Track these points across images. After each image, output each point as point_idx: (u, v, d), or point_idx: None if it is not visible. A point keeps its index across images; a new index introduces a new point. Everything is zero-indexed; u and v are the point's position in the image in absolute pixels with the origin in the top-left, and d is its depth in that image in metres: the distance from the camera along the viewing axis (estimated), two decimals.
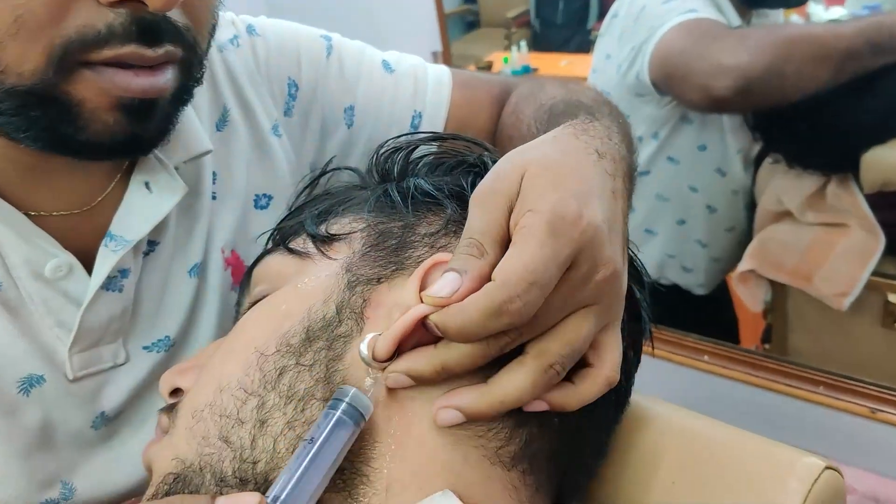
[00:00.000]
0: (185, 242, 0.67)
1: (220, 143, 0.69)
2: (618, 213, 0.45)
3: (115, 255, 0.59)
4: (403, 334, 0.43)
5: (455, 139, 0.60)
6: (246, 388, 0.45)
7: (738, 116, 1.32)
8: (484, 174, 0.50)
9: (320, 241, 0.51)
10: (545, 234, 0.40)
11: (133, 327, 0.64)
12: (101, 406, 0.62)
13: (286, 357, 0.46)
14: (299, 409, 0.44)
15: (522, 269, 0.39)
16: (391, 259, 0.48)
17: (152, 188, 0.61)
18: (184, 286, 0.66)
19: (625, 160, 0.50)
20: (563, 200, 0.42)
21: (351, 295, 0.47)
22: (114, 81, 0.49)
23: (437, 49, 2.01)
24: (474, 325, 0.40)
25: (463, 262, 0.41)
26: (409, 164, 0.56)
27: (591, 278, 0.42)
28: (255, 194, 0.72)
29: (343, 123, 0.77)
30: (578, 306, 0.43)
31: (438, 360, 0.42)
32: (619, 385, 0.46)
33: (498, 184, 0.44)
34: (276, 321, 0.48)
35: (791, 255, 1.29)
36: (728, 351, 1.34)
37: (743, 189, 1.39)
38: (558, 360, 0.42)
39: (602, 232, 0.42)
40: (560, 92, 0.69)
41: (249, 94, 0.72)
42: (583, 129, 0.50)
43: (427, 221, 0.51)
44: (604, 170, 0.46)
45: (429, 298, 0.41)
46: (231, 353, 0.48)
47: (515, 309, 0.39)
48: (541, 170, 0.44)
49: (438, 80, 0.81)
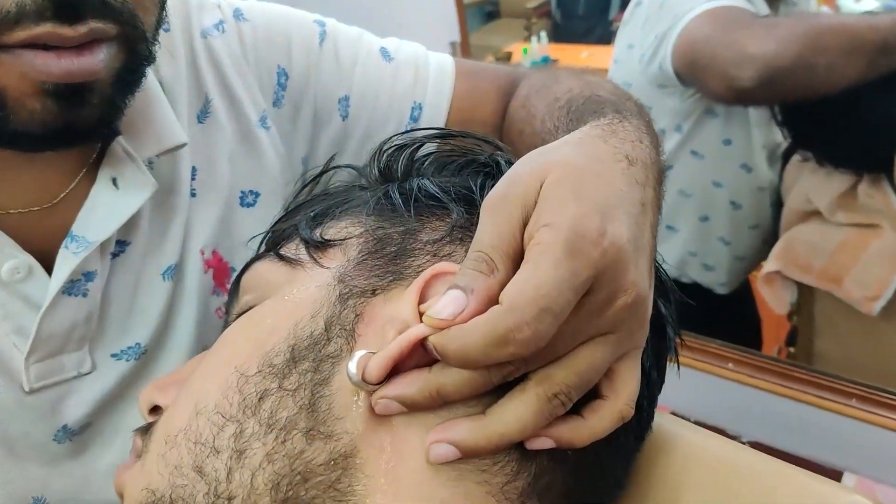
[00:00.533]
0: (159, 242, 0.62)
1: (202, 136, 0.65)
2: (646, 229, 0.40)
3: (76, 257, 0.54)
4: (399, 356, 0.38)
5: (465, 136, 0.55)
6: (223, 412, 0.41)
7: (765, 110, 1.28)
8: (496, 175, 0.45)
9: (313, 247, 0.47)
10: (561, 254, 0.35)
11: (100, 334, 0.59)
12: (62, 419, 0.58)
13: (268, 379, 0.41)
14: (280, 439, 0.39)
15: (534, 292, 0.34)
16: (389, 268, 0.44)
17: (119, 184, 0.57)
18: (157, 290, 0.62)
19: (656, 164, 0.45)
20: (585, 215, 0.37)
21: (342, 309, 0.42)
22: (33, 65, 0.44)
23: (456, 39, 1.99)
24: (476, 353, 0.35)
25: (470, 278, 0.37)
26: (415, 163, 0.51)
27: (610, 304, 0.37)
28: (241, 191, 0.67)
29: (337, 115, 0.72)
30: (594, 334, 0.38)
31: (434, 386, 0.38)
32: (641, 410, 0.41)
33: (513, 189, 0.39)
34: (260, 337, 0.43)
35: (819, 256, 1.25)
36: (754, 359, 1.29)
37: (769, 186, 1.35)
38: (563, 390, 0.37)
39: (626, 253, 0.37)
40: (576, 84, 0.64)
41: (235, 83, 0.67)
42: (611, 130, 0.45)
43: (430, 227, 0.46)
44: (634, 179, 0.41)
45: (429, 319, 0.37)
46: (210, 371, 0.44)
47: (523, 338, 0.34)
48: (562, 177, 0.39)
49: (440, 69, 0.76)
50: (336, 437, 0.39)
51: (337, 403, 0.40)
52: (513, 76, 0.76)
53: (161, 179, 0.60)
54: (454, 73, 0.76)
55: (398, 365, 0.39)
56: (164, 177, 0.61)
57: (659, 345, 0.47)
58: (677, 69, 1.19)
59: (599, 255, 0.36)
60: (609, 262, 0.36)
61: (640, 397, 0.41)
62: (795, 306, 1.37)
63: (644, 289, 0.38)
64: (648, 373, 0.44)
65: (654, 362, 0.46)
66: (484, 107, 0.75)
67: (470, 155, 0.51)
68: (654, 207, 0.42)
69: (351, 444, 0.39)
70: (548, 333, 0.35)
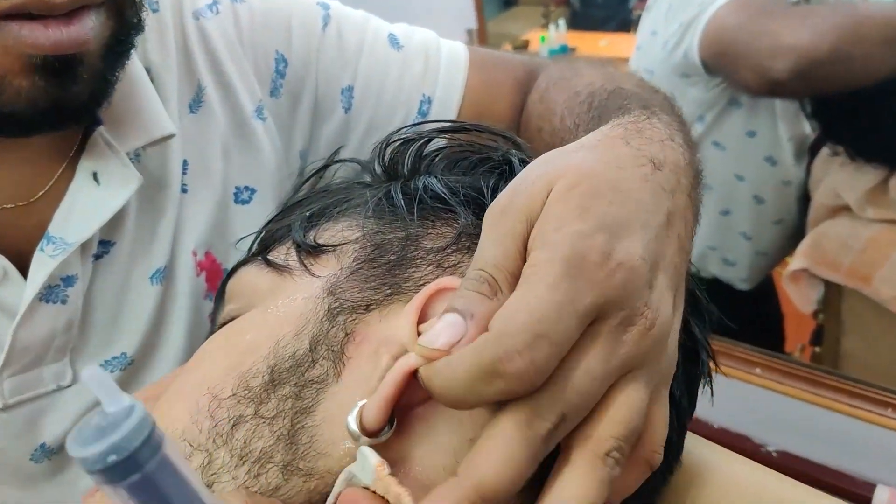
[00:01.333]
0: (147, 243, 0.58)
1: (194, 127, 0.60)
2: (670, 243, 0.35)
3: (53, 260, 0.50)
4: (395, 395, 0.33)
5: (480, 131, 0.50)
6: (192, 439, 0.37)
7: (792, 101, 1.24)
8: (509, 177, 0.40)
9: (305, 252, 0.42)
10: (559, 275, 0.30)
11: (82, 343, 0.55)
12: (40, 437, 0.54)
13: (243, 404, 0.37)
14: (253, 473, 0.35)
15: (526, 316, 0.30)
16: (386, 280, 0.39)
17: (101, 179, 0.52)
18: (144, 294, 0.57)
19: (690, 166, 0.40)
20: (587, 234, 0.32)
21: (330, 326, 0.38)
22: (20, 37, 0.41)
23: (472, 27, 1.98)
24: (460, 388, 0.30)
25: (469, 300, 0.32)
26: (423, 160, 0.46)
27: (625, 332, 0.32)
28: (236, 186, 0.63)
29: (339, 106, 0.67)
30: (623, 371, 0.33)
31: (472, 489, 0.30)
32: (670, 444, 0.37)
33: (517, 200, 0.34)
34: (237, 355, 0.39)
35: (848, 253, 1.20)
36: (783, 364, 1.25)
37: (795, 180, 1.31)
38: (614, 445, 0.32)
39: (639, 274, 0.32)
40: (598, 77, 0.59)
41: (229, 69, 0.62)
42: (636, 129, 0.39)
43: (435, 233, 0.41)
44: (659, 186, 0.36)
45: (421, 349, 0.32)
46: (180, 391, 0.39)
47: (515, 370, 0.29)
48: (571, 187, 0.34)
49: (453, 59, 0.70)
50: (317, 475, 0.35)
51: (321, 437, 0.35)
52: (531, 67, 0.71)
53: (148, 174, 0.56)
54: (467, 63, 0.71)
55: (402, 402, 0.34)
56: (151, 171, 0.57)
57: (691, 370, 0.42)
58: (704, 59, 1.15)
59: (605, 277, 0.31)
60: (618, 285, 0.32)
61: (670, 429, 0.36)
62: (822, 304, 1.33)
63: (664, 312, 0.34)
64: (678, 401, 0.40)
65: (684, 390, 0.41)
66: (500, 101, 0.70)
67: (485, 152, 0.46)
68: (685, 217, 0.37)
69: (331, 487, 0.34)
70: (545, 365, 0.30)
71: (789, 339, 1.45)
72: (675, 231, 0.36)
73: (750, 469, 0.46)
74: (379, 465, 0.32)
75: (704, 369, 0.44)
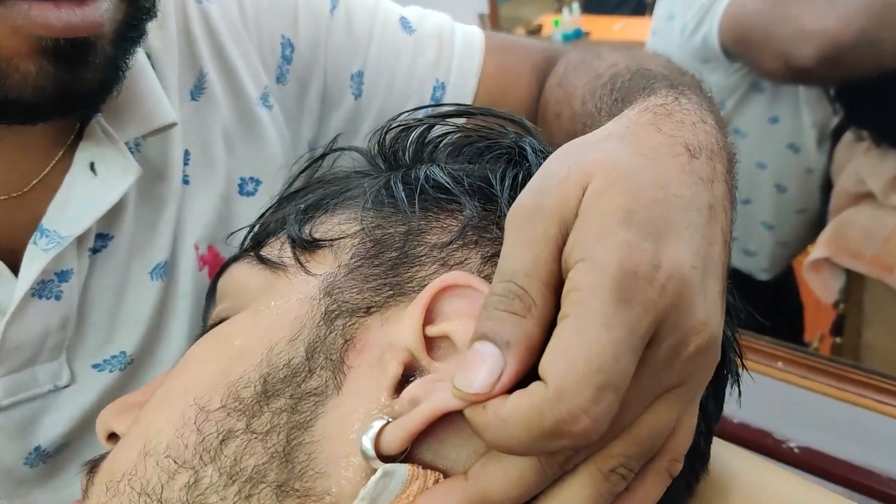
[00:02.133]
0: (147, 237, 0.55)
1: (195, 115, 0.58)
2: (715, 241, 0.32)
3: (46, 254, 0.48)
4: (421, 429, 0.31)
5: (487, 114, 0.47)
6: (176, 455, 0.34)
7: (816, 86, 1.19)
8: (518, 164, 0.37)
9: (300, 248, 0.39)
10: (612, 304, 0.27)
11: (79, 341, 0.53)
12: (35, 440, 0.52)
13: (233, 417, 0.34)
14: (243, 494, 0.33)
15: (585, 366, 0.26)
16: (387, 279, 0.36)
17: (98, 170, 0.50)
18: (145, 291, 0.55)
19: (723, 150, 0.37)
20: (634, 244, 0.29)
21: (328, 331, 0.35)
22: (30, 17, 0.38)
23: (484, 11, 1.93)
24: (519, 446, 0.28)
25: (501, 324, 0.29)
26: (426, 147, 0.44)
27: (678, 355, 0.29)
28: (241, 178, 0.60)
29: (349, 93, 0.65)
30: (661, 393, 0.30)
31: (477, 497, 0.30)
32: (697, 449, 0.34)
33: (548, 200, 0.31)
34: (225, 362, 0.36)
35: (872, 242, 1.17)
36: (806, 358, 1.21)
37: (819, 168, 1.27)
38: (622, 462, 0.30)
39: (691, 283, 0.29)
40: (622, 59, 0.56)
41: (232, 54, 0.59)
42: (666, 113, 0.36)
43: (439, 226, 0.38)
44: (697, 177, 0.33)
45: (459, 393, 0.29)
46: (164, 402, 0.37)
47: (582, 429, 0.26)
48: (608, 186, 0.30)
49: (468, 43, 0.68)
50: (315, 496, 0.32)
51: (320, 455, 0.33)
52: (549, 53, 0.69)
53: (148, 164, 0.53)
54: (483, 48, 0.68)
55: None
56: (152, 161, 0.54)
57: (719, 371, 0.39)
58: (724, 44, 1.11)
59: (658, 295, 0.28)
60: (670, 302, 0.29)
61: (697, 434, 0.34)
62: (843, 294, 1.29)
63: (717, 326, 0.31)
64: (705, 404, 0.37)
65: (711, 392, 0.38)
66: (516, 87, 0.68)
67: (493, 138, 0.43)
68: (724, 208, 0.34)
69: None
70: (610, 414, 0.27)
71: (808, 329, 1.41)
72: (718, 225, 0.33)
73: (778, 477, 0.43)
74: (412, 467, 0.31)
75: (732, 368, 0.41)
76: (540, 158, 0.39)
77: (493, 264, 0.36)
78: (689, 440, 0.33)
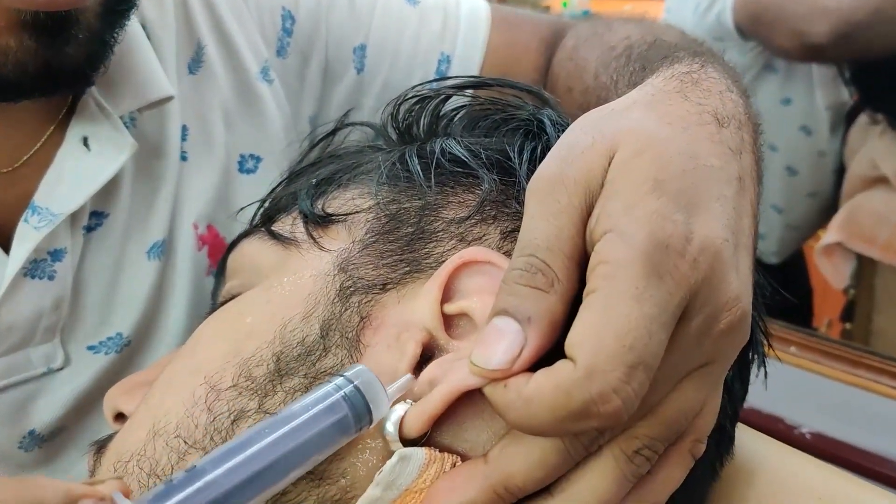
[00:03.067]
0: (144, 215, 0.54)
1: (193, 90, 0.56)
2: (745, 213, 0.31)
3: (38, 232, 0.47)
4: (442, 411, 0.30)
5: (503, 86, 0.45)
6: (187, 436, 0.33)
7: (830, 67, 1.18)
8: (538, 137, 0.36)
9: (313, 223, 0.38)
10: (643, 278, 0.26)
11: (74, 322, 0.52)
12: (29, 423, 0.51)
13: (245, 396, 0.33)
14: None
15: (615, 343, 0.25)
16: (404, 255, 0.35)
17: (91, 145, 0.49)
18: (141, 270, 0.53)
19: (750, 119, 0.35)
20: (665, 215, 0.27)
21: (343, 308, 0.34)
22: None
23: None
24: (548, 429, 0.26)
25: (522, 299, 0.27)
26: (440, 120, 0.42)
27: (710, 331, 0.28)
28: (240, 154, 0.59)
29: (352, 67, 0.63)
30: (689, 371, 0.29)
31: (498, 481, 0.28)
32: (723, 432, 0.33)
33: (571, 169, 0.29)
34: (237, 340, 0.35)
35: (885, 227, 1.15)
36: (819, 343, 1.20)
37: (831, 151, 1.26)
38: (647, 444, 0.29)
39: (724, 257, 0.28)
40: (635, 30, 0.54)
41: (231, 27, 0.57)
42: (692, 81, 0.35)
43: (456, 201, 0.37)
44: (727, 147, 0.31)
45: (477, 370, 0.27)
46: (174, 380, 0.36)
47: (614, 409, 0.25)
48: (636, 154, 0.29)
49: (473, 16, 0.66)
50: (330, 479, 0.31)
51: None
52: (557, 26, 0.67)
53: (144, 140, 0.52)
54: (489, 21, 0.66)
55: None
56: (148, 137, 0.53)
57: (745, 352, 0.38)
58: (738, 22, 1.10)
59: (690, 269, 0.27)
60: (703, 276, 0.27)
61: (722, 416, 0.33)
62: (854, 279, 1.28)
63: (748, 301, 0.29)
64: (731, 385, 0.36)
65: (736, 372, 0.37)
66: (523, 61, 0.66)
67: (510, 110, 0.42)
68: (752, 179, 0.33)
69: (348, 492, 0.31)
70: (642, 393, 0.26)
71: (817, 315, 1.40)
72: (747, 197, 0.31)
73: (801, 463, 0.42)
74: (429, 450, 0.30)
75: (759, 349, 0.39)
76: (559, 131, 0.38)
77: (512, 240, 0.35)
78: (713, 421, 0.32)
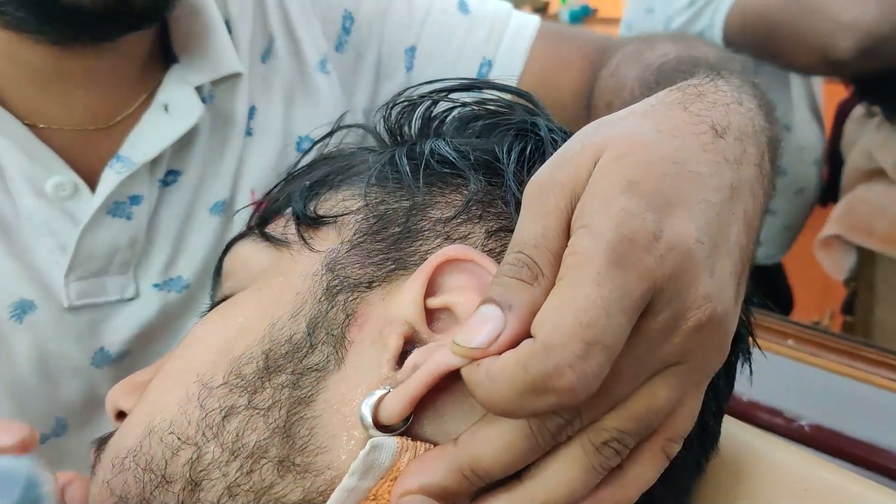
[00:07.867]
0: (212, 175, 0.62)
1: (263, 77, 0.64)
2: (733, 222, 0.31)
3: (119, 176, 0.55)
4: (422, 394, 0.31)
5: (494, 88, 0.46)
6: (180, 432, 0.34)
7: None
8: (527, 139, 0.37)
9: (304, 225, 0.39)
10: (605, 265, 0.27)
11: (145, 261, 0.60)
12: (100, 341, 0.58)
13: (236, 393, 0.34)
14: (245, 469, 0.33)
15: (573, 320, 0.26)
16: (390, 254, 0.36)
17: (170, 109, 0.57)
18: (205, 224, 0.62)
19: (763, 133, 0.36)
20: (634, 213, 0.28)
21: (329, 307, 0.35)
22: None
23: None
24: (506, 402, 0.27)
25: (507, 289, 0.29)
26: (431, 122, 0.43)
27: (676, 327, 0.29)
28: (298, 136, 0.66)
29: (402, 66, 0.69)
30: (659, 368, 0.30)
31: (464, 463, 0.30)
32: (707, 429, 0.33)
33: (560, 173, 0.31)
34: (228, 339, 0.36)
35: (883, 218, 1.15)
36: (817, 336, 1.21)
37: (810, 145, 1.27)
38: (616, 437, 0.29)
39: (694, 257, 0.29)
40: (673, 48, 0.57)
41: (298, 22, 0.65)
42: (697, 93, 0.36)
43: (444, 201, 0.38)
44: (721, 156, 0.32)
45: (458, 348, 0.29)
46: (169, 379, 0.37)
47: (568, 384, 0.26)
48: (617, 157, 0.30)
49: (520, 27, 0.70)
50: (315, 471, 0.32)
51: (321, 430, 0.33)
52: (607, 45, 0.70)
53: (218, 112, 0.61)
54: (535, 33, 0.70)
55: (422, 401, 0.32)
56: (221, 111, 0.61)
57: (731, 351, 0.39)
58: (731, 40, 1.06)
59: (656, 263, 0.28)
60: (669, 271, 0.28)
61: (706, 413, 0.34)
62: (854, 272, 1.28)
63: (725, 302, 0.30)
64: (716, 383, 0.36)
65: (722, 370, 0.37)
66: (566, 74, 0.69)
67: (502, 113, 0.42)
68: (753, 191, 0.33)
69: (335, 483, 0.32)
70: (600, 374, 0.27)
71: (818, 308, 1.41)
72: (740, 207, 0.32)
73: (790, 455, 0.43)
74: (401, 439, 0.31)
75: (743, 346, 0.40)
76: (553, 135, 0.39)
77: (497, 239, 0.36)
78: (689, 423, 0.32)
